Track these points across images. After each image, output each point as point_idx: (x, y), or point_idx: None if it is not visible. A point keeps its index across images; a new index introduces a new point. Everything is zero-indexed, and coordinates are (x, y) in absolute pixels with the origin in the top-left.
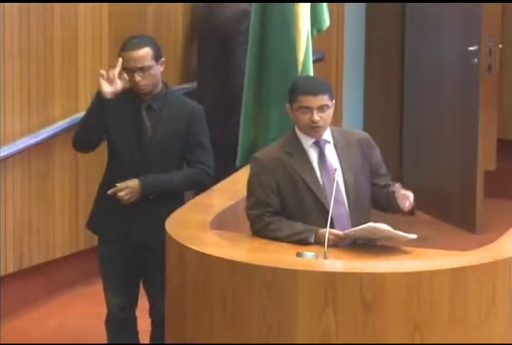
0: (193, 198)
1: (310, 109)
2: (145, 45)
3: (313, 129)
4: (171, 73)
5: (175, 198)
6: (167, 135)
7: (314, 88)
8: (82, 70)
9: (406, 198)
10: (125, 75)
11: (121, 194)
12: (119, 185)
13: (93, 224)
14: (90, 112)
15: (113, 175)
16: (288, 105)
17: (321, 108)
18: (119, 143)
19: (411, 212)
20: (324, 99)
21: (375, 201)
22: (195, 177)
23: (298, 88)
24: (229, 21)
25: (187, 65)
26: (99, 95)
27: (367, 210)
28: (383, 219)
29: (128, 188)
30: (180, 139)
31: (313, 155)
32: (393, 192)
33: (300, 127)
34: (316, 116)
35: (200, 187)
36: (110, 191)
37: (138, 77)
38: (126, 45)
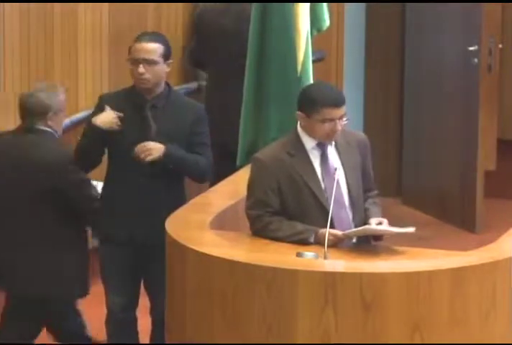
0: (193, 198)
1: (332, 120)
2: (158, 41)
3: (332, 137)
4: (171, 73)
5: (175, 198)
6: (170, 134)
7: (337, 99)
8: (82, 70)
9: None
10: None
11: (142, 156)
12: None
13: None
14: (89, 143)
15: (116, 174)
16: (300, 113)
17: (342, 118)
18: (123, 143)
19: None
20: (344, 109)
21: None
22: (204, 166)
23: (319, 100)
24: None
25: (187, 65)
26: (93, 127)
27: (363, 210)
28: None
29: (149, 148)
30: (183, 138)
31: (315, 157)
32: (367, 216)
33: (317, 135)
34: (339, 127)
35: (201, 179)
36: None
37: (141, 69)
38: (140, 37)
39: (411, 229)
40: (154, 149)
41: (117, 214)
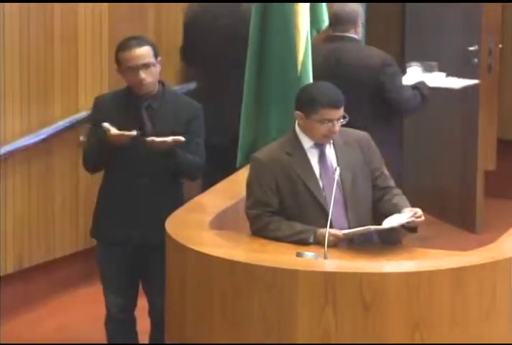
0: (192, 198)
1: (331, 120)
2: (145, 44)
3: (329, 138)
4: (171, 73)
5: (175, 198)
6: (167, 134)
7: (337, 100)
8: (82, 70)
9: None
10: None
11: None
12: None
13: (96, 230)
14: (101, 151)
15: (112, 176)
16: (299, 113)
17: (340, 118)
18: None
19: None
20: (342, 109)
21: (373, 202)
22: (198, 166)
23: (319, 100)
24: None
25: (187, 65)
26: (104, 140)
27: (368, 210)
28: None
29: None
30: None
31: (314, 156)
32: (396, 206)
33: (315, 135)
34: (337, 128)
35: (192, 179)
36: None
37: (143, 75)
38: (126, 45)
39: (409, 214)
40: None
41: (116, 215)
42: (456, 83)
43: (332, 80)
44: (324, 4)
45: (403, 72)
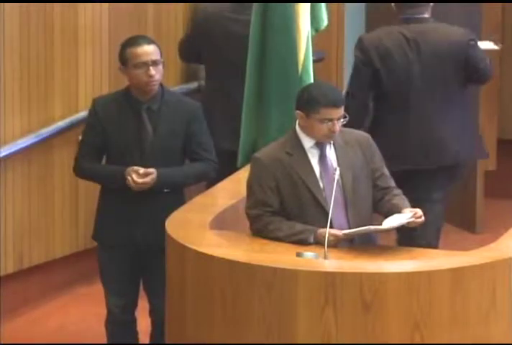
0: (193, 198)
1: (331, 120)
2: (152, 42)
3: (330, 137)
4: (171, 73)
5: (175, 198)
6: (167, 136)
7: (337, 100)
8: (82, 70)
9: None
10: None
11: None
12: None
13: (97, 232)
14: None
15: None
16: (300, 112)
17: (340, 118)
18: (120, 146)
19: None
20: (343, 109)
21: (374, 203)
22: (202, 172)
23: (319, 100)
24: None
25: (187, 65)
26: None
27: (368, 210)
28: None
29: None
30: (181, 138)
31: (314, 156)
32: (396, 206)
33: (316, 135)
34: (337, 127)
35: (202, 181)
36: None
37: (153, 71)
38: (135, 42)
39: (409, 215)
40: (143, 183)
41: (116, 217)
42: (489, 44)
43: (417, 60)
44: (324, 4)
45: None
